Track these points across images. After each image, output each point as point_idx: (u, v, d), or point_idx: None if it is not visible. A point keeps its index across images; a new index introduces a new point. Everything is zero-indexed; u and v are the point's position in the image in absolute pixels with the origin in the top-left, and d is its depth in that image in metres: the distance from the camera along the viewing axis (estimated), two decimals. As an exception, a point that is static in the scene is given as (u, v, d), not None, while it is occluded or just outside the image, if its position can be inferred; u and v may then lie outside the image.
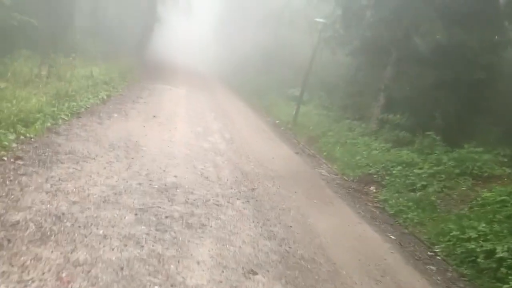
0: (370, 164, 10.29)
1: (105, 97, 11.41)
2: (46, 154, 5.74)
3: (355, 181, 9.72)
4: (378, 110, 12.92)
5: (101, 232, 3.94)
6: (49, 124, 7.22)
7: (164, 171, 6.29)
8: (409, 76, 12.13)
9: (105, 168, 5.77)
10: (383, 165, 10.11)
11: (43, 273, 3.10)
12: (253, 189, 6.63)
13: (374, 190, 9.39)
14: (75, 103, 9.20)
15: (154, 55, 32.81)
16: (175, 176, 6.16)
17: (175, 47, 45.57)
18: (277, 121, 17.00)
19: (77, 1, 20.93)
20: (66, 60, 13.76)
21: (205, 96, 17.70)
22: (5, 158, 5.22)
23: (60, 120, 7.72)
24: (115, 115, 9.56)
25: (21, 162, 5.23)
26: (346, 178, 9.83)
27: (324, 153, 11.87)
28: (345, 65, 17.68)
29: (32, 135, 6.38)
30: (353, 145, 12.04)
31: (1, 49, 13.28)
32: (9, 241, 3.38)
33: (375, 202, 8.49)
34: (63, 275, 3.13)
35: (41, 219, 3.87)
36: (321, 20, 14.91)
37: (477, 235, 6.06)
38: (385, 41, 13.13)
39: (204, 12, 42.26)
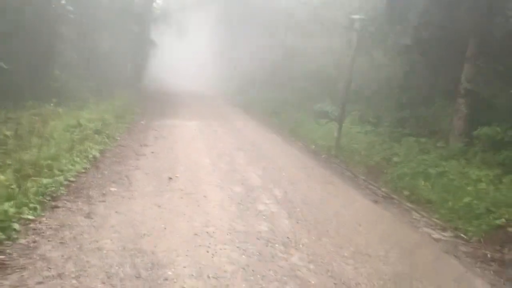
0: (492, 209, 6.86)
1: (97, 154, 8.11)
2: None
3: (482, 242, 6.30)
4: (461, 123, 9.53)
5: None
6: (-8, 244, 3.91)
7: None
8: (505, 74, 8.78)
9: None
10: (514, 208, 6.75)
11: None
12: None
13: (523, 257, 5.99)
14: (50, 180, 5.88)
15: (153, 83, 29.63)
16: None
17: (173, 71, 42.44)
18: (312, 146, 13.65)
19: (58, 32, 17.72)
20: (45, 110, 10.54)
21: (221, 126, 14.36)
22: None
23: (15, 227, 4.40)
24: (112, 188, 6.21)
25: None
26: (467, 238, 6.41)
27: (405, 193, 8.47)
28: (385, 69, 14.38)
29: None
30: (441, 176, 8.59)
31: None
32: None
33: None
34: None
35: None
36: (357, 16, 11.61)
37: None
38: (457, 29, 9.84)
39: (200, 29, 39.15)
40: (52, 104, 11.24)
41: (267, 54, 27.43)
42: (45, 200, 5.32)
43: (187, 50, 45.27)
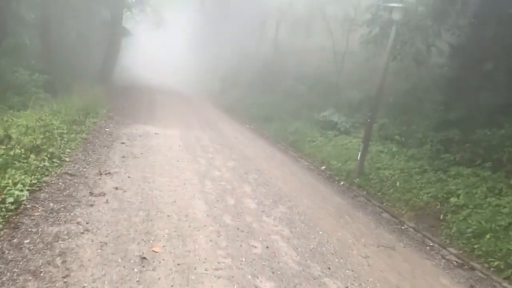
0: None
1: (24, 196, 4.78)
2: None
3: None
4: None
5: None
6: None
7: None
8: None
9: None
10: None
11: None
12: None
13: None
14: None
15: (125, 78, 25.92)
16: None
17: (149, 65, 38.56)
18: (322, 167, 10.68)
19: (14, 11, 13.95)
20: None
21: (210, 139, 11.15)
22: None
23: None
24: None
25: None
26: None
27: (495, 263, 5.58)
28: (416, 75, 11.54)
29: None
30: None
31: None
32: None
33: None
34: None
35: None
36: (398, 4, 8.67)
37: None
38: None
39: (180, 20, 35.41)
40: (-24, 104, 7.79)
41: (255, 51, 24.33)
42: None
43: (165, 43, 41.42)
